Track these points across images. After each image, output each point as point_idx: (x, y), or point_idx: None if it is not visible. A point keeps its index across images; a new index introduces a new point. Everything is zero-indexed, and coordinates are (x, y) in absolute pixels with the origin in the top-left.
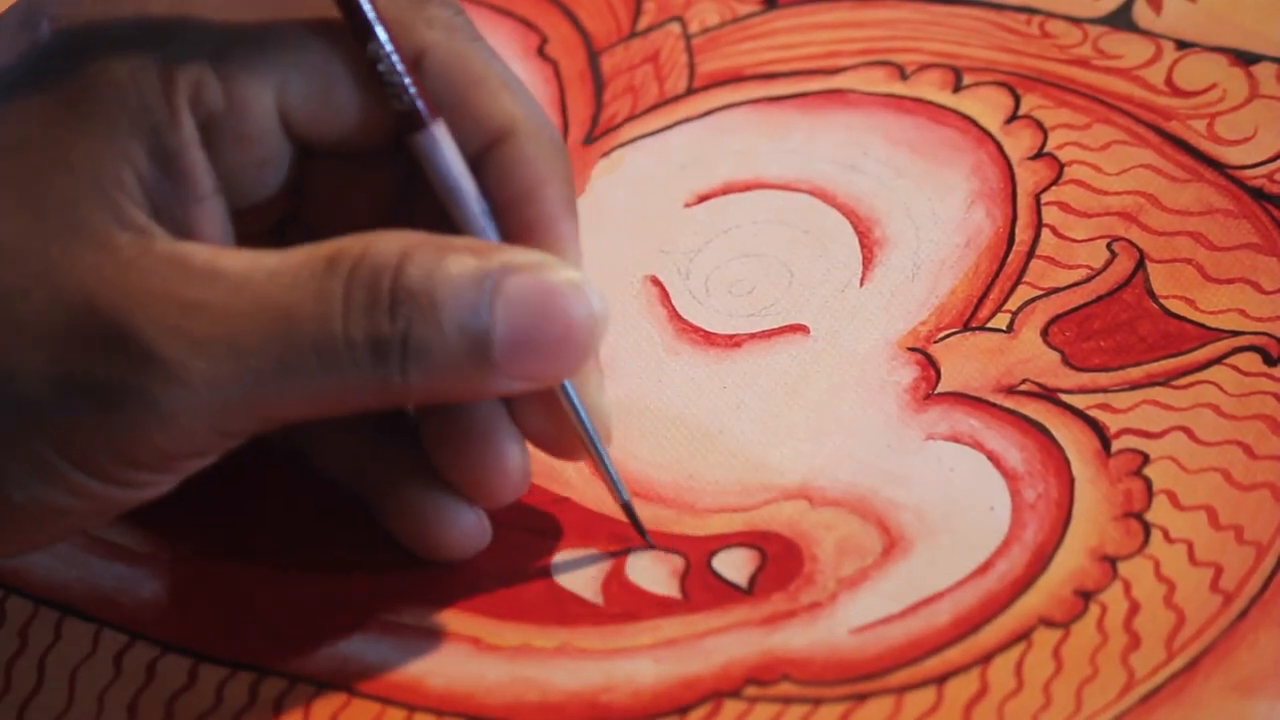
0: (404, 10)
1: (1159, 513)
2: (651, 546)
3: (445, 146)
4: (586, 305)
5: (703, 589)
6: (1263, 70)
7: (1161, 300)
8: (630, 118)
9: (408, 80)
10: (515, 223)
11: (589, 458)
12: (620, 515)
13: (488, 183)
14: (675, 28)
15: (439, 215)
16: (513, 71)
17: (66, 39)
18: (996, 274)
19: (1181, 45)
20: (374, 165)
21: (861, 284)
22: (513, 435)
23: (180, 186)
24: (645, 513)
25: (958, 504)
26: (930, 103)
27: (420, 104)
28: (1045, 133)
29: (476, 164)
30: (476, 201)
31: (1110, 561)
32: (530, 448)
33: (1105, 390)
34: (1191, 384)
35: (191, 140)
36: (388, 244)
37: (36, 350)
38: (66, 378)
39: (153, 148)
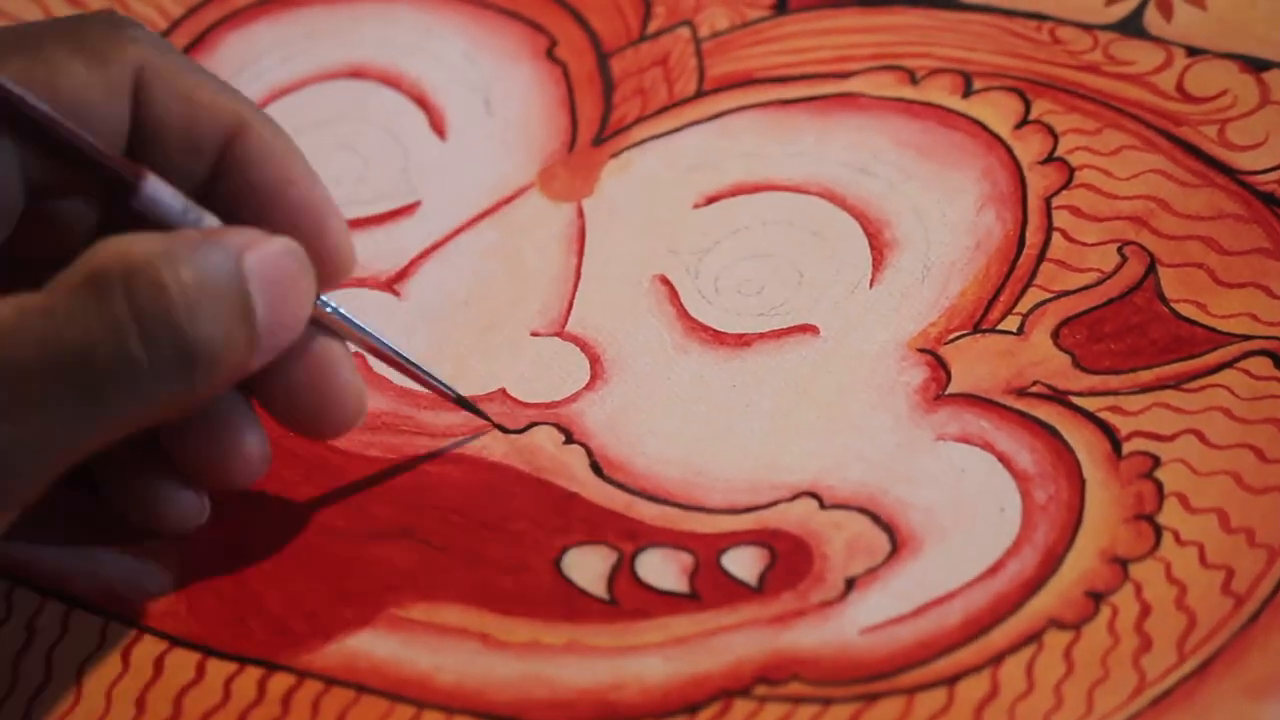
0: (107, 37)
1: (1170, 515)
2: (499, 427)
3: (162, 193)
4: (302, 262)
5: (712, 587)
6: (1274, 77)
7: (1172, 304)
8: (640, 120)
9: (109, 159)
10: (276, 205)
11: (405, 371)
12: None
13: (235, 179)
14: (685, 31)
15: None
16: (220, 79)
17: None
18: (1007, 276)
19: (1192, 52)
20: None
21: (871, 285)
22: (251, 420)
23: None
24: (654, 510)
25: (968, 505)
26: (940, 107)
27: (124, 172)
28: (1056, 137)
29: (219, 168)
30: (203, 212)
31: (1121, 563)
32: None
33: (1116, 393)
34: (1202, 387)
35: None
36: (144, 249)
37: None
38: None
39: None
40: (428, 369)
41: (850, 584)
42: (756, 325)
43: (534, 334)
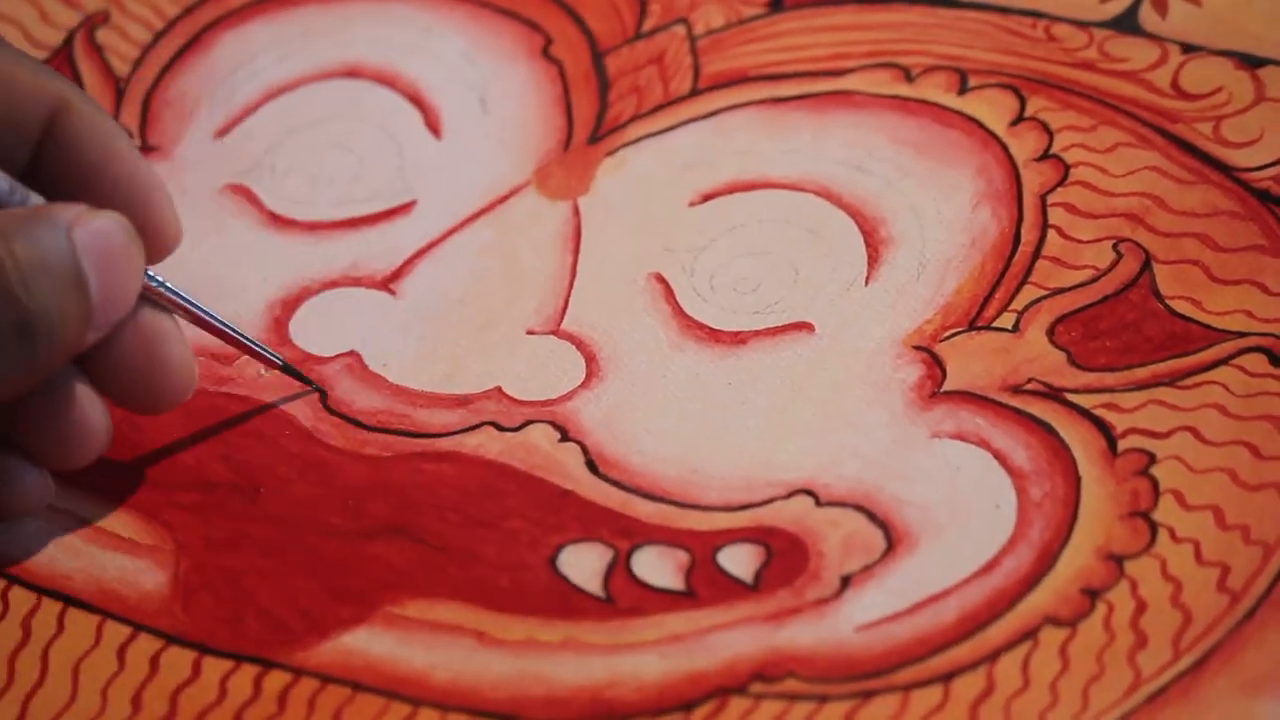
0: None
1: (1166, 512)
2: (321, 391)
3: None
4: (130, 234)
5: (708, 584)
6: (1269, 74)
7: (1167, 301)
8: (635, 118)
9: None
10: (103, 180)
11: (233, 343)
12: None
13: (60, 157)
14: (680, 29)
15: None
16: (39, 61)
17: None
18: (1002, 274)
19: (1187, 49)
20: None
21: (867, 283)
22: (89, 394)
23: None
24: (650, 508)
25: (964, 502)
26: (936, 104)
27: None
28: (1051, 135)
29: (42, 149)
30: (26, 191)
31: (1117, 560)
32: None
33: (1111, 390)
34: (1198, 384)
35: None
36: None
37: None
38: None
39: None
40: (253, 339)
41: (846, 581)
42: (752, 323)
43: (530, 332)
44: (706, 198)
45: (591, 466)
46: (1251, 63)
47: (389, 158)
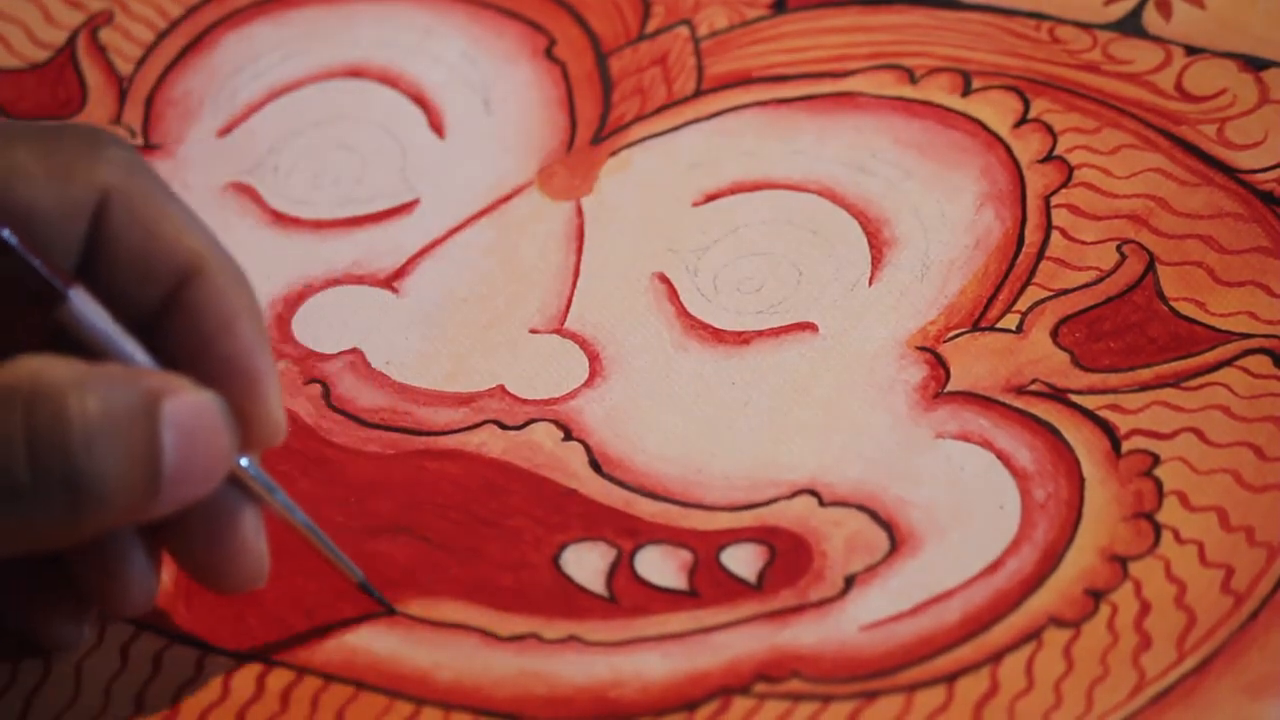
0: (79, 153)
1: (1170, 513)
2: (392, 611)
3: (89, 309)
4: (224, 417)
5: (712, 584)
6: (1273, 76)
7: (1171, 302)
8: (638, 118)
9: (36, 262)
10: (214, 357)
11: (315, 548)
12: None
13: (181, 321)
14: (684, 31)
15: None
16: (191, 210)
17: None
18: (1006, 275)
19: (1191, 51)
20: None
21: (870, 283)
22: (139, 557)
23: None
24: (653, 507)
25: (967, 502)
26: (939, 106)
27: (54, 280)
28: (1054, 136)
29: (169, 304)
30: (135, 346)
31: (1121, 561)
32: None
33: (1115, 391)
34: (1202, 385)
35: None
36: (57, 373)
37: None
38: None
39: None
40: (336, 544)
41: (849, 581)
42: (756, 323)
43: (533, 331)
44: (710, 198)
45: (595, 466)
46: (1256, 65)
47: (392, 157)
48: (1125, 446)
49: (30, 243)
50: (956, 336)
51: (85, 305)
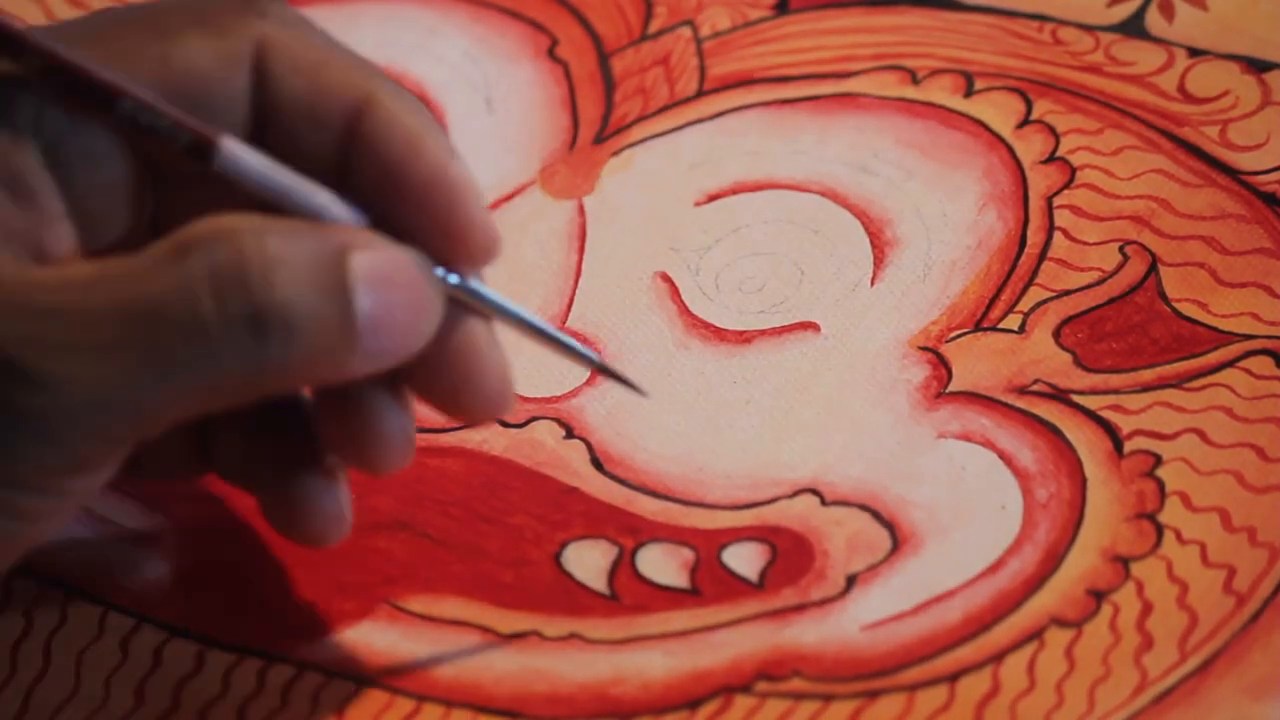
0: (233, 10)
1: (1171, 514)
2: (643, 394)
3: (244, 155)
4: (424, 269)
5: (713, 583)
6: (1275, 78)
7: (1174, 303)
8: (641, 118)
9: (169, 120)
10: (407, 183)
11: (547, 344)
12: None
13: (365, 156)
14: (686, 31)
15: None
16: (353, 51)
17: None
18: (1008, 275)
19: (1194, 53)
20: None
21: (873, 283)
22: (390, 405)
23: (27, 210)
24: (655, 506)
25: (969, 502)
26: (941, 107)
27: (199, 130)
28: (1057, 137)
29: (347, 139)
30: (317, 189)
31: (1123, 562)
32: None
33: (1117, 391)
34: (1204, 386)
35: (35, 163)
36: (237, 223)
37: None
38: None
39: None
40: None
41: (851, 581)
42: (757, 322)
43: None
44: (712, 198)
45: (596, 464)
46: (1258, 66)
47: None
48: (1127, 447)
49: (179, 102)
50: (959, 336)
51: (240, 153)
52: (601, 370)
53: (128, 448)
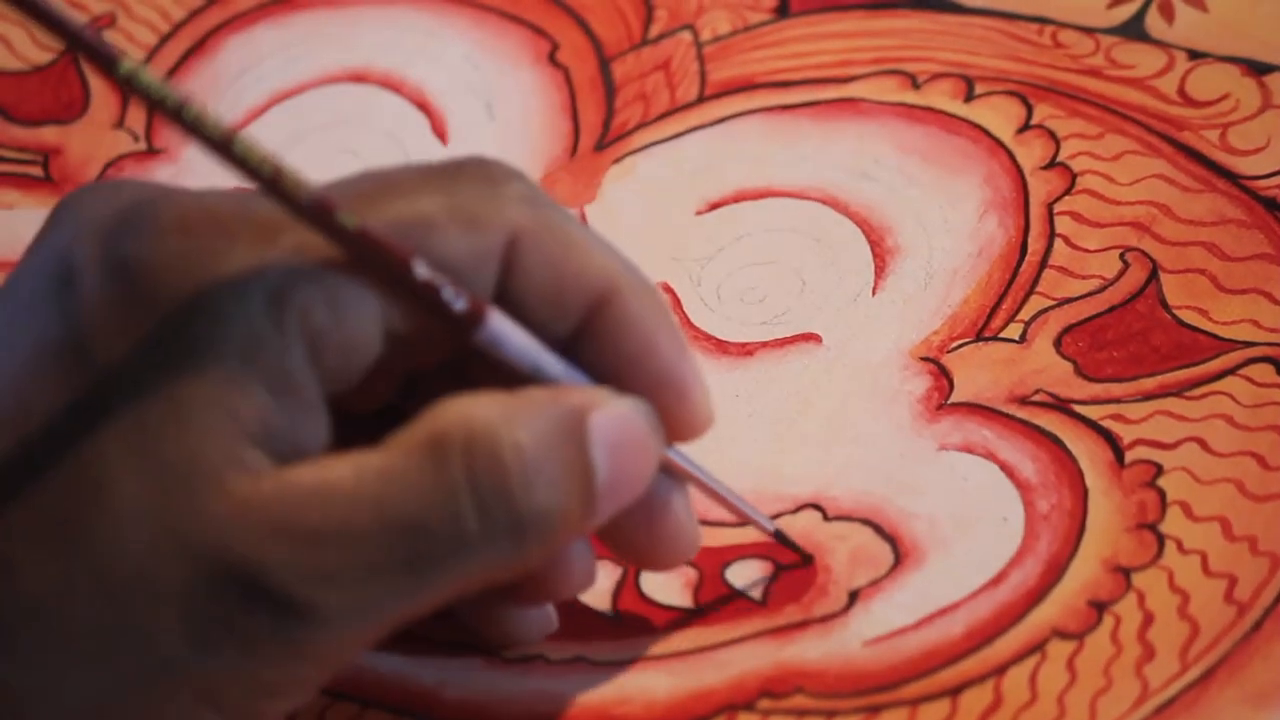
0: (482, 195)
1: (1173, 524)
2: (810, 560)
3: (509, 331)
4: (651, 422)
5: (716, 600)
6: (1276, 81)
7: (1174, 311)
8: (642, 125)
9: (451, 290)
10: (637, 374)
11: (730, 509)
12: None
13: (599, 344)
14: (687, 36)
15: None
16: (596, 233)
17: (153, 272)
18: (1009, 284)
19: (1194, 55)
20: None
21: (874, 293)
22: (583, 546)
23: (291, 407)
24: None
25: (971, 515)
26: (942, 112)
27: (473, 304)
28: (1057, 143)
29: (583, 329)
30: (560, 366)
31: (1124, 572)
32: None
33: (1118, 401)
34: (1205, 395)
35: (302, 363)
36: (485, 413)
37: (170, 608)
38: (203, 632)
39: (266, 377)
40: (757, 511)
41: (854, 596)
42: (759, 334)
43: None
44: (713, 206)
45: None
46: (1258, 69)
47: (395, 163)
48: (1128, 457)
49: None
50: (960, 347)
51: (503, 327)
52: (783, 542)
53: (371, 643)
